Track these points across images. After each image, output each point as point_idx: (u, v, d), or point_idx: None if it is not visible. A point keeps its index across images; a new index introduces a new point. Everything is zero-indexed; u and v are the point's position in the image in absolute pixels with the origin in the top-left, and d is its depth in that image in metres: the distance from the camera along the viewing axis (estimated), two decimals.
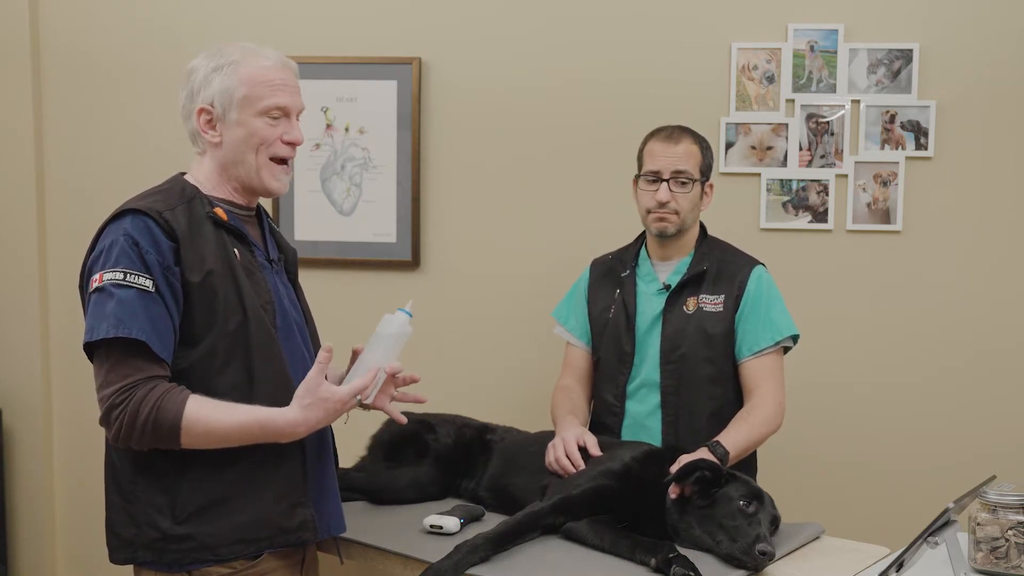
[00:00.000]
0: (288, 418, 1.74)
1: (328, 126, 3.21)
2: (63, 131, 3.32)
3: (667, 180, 2.41)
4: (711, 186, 2.50)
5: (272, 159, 1.87)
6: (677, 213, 2.42)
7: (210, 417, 1.71)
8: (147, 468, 1.77)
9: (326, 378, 1.79)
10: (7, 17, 3.26)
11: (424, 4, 3.16)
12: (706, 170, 2.46)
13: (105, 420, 1.71)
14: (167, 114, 3.22)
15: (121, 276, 1.70)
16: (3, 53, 3.27)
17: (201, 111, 1.85)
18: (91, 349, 1.73)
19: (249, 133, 1.84)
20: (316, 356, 1.96)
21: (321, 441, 1.94)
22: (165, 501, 1.77)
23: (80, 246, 1.82)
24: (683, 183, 2.41)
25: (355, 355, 1.96)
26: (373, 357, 1.89)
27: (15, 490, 3.36)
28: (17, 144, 3.29)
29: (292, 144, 1.88)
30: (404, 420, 2.02)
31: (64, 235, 3.31)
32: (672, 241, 2.47)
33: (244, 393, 1.79)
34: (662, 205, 2.41)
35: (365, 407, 1.93)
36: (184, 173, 1.92)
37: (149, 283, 1.71)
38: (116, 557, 1.83)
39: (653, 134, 2.49)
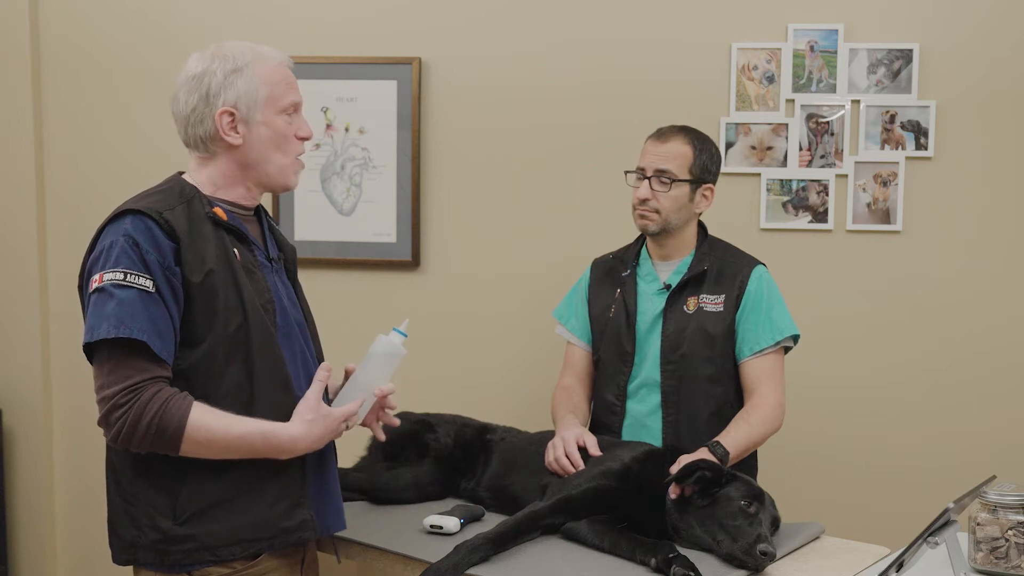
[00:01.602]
0: (291, 433, 1.76)
1: (328, 126, 3.21)
2: (63, 131, 3.32)
3: (649, 177, 2.41)
4: (710, 189, 2.47)
5: (297, 157, 1.92)
6: (658, 212, 2.41)
7: (213, 426, 1.71)
8: (148, 469, 1.77)
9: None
10: (7, 17, 3.26)
11: (424, 4, 3.16)
12: (700, 172, 2.43)
13: (105, 421, 1.71)
14: (167, 114, 3.22)
15: (121, 276, 1.70)
16: (3, 53, 3.27)
17: (224, 113, 1.84)
18: (91, 350, 1.73)
19: (273, 132, 1.86)
20: (316, 356, 1.97)
21: None
22: (166, 502, 1.77)
23: (80, 246, 1.82)
24: (663, 182, 2.40)
25: (347, 375, 1.97)
26: (366, 377, 1.91)
27: (15, 490, 3.36)
28: (17, 144, 3.29)
29: (305, 139, 1.92)
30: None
31: (64, 235, 3.31)
32: (667, 240, 2.47)
33: (245, 393, 1.79)
34: (642, 202, 2.41)
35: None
36: (182, 173, 1.92)
37: (149, 283, 1.70)
38: (119, 558, 1.83)
39: (655, 131, 2.49)
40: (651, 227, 2.44)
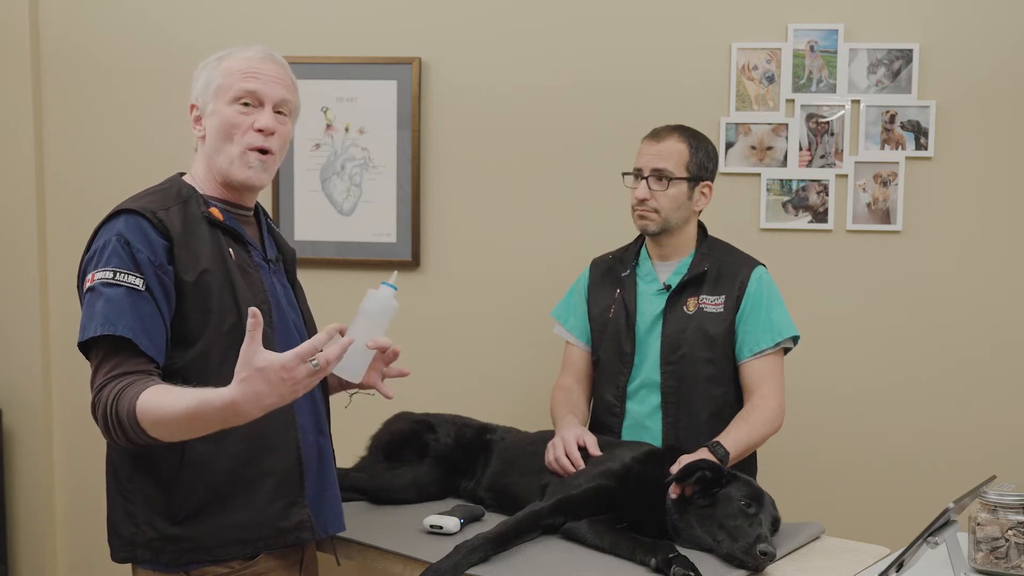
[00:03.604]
0: (225, 397, 1.54)
1: (328, 126, 3.21)
2: (63, 131, 3.32)
3: (646, 178, 2.41)
4: (708, 187, 2.47)
5: (249, 148, 1.84)
6: (657, 211, 2.41)
7: (158, 405, 1.59)
8: (145, 467, 1.77)
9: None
10: (7, 17, 3.26)
11: (424, 4, 3.16)
12: (697, 170, 2.43)
13: (93, 419, 1.71)
14: (167, 114, 3.23)
15: (111, 275, 1.70)
16: (3, 53, 3.27)
17: (192, 107, 1.88)
18: (87, 349, 1.74)
19: (221, 121, 1.84)
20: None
21: (318, 440, 1.93)
22: (162, 501, 1.77)
23: (80, 246, 1.82)
24: (660, 180, 2.40)
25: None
26: (358, 334, 1.82)
27: (15, 490, 3.36)
28: (17, 144, 3.29)
29: (260, 131, 1.84)
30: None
31: (64, 235, 3.31)
32: (666, 240, 2.47)
33: None
34: (641, 202, 2.41)
35: (359, 387, 1.91)
36: (183, 173, 1.93)
37: (139, 282, 1.70)
38: (117, 556, 1.83)
39: (650, 132, 2.49)
40: (651, 227, 2.44)
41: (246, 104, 1.84)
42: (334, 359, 1.56)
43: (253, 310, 1.53)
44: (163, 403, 1.59)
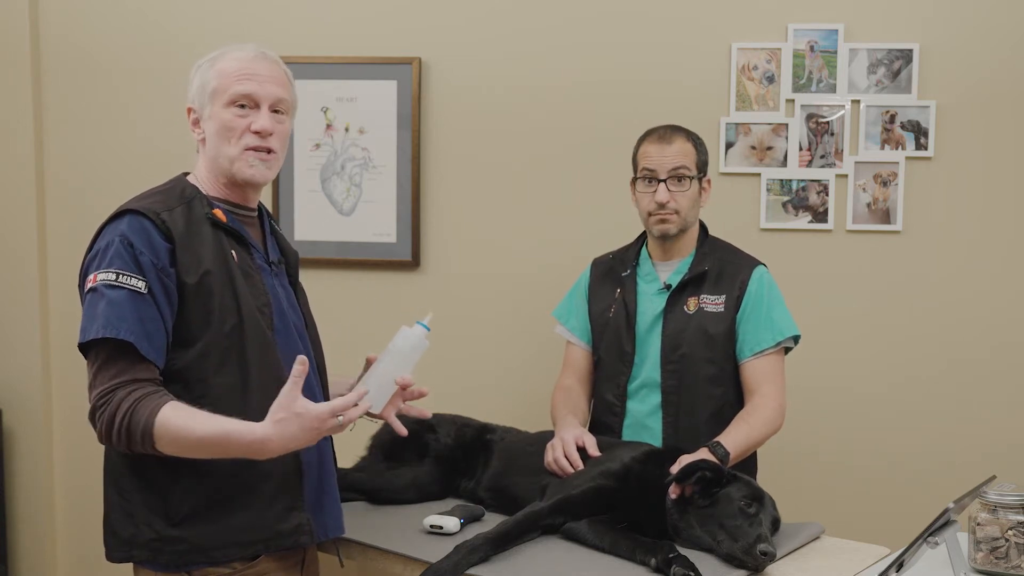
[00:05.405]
0: (258, 434, 1.63)
1: (328, 126, 3.21)
2: (63, 131, 3.32)
3: (664, 180, 2.41)
4: (709, 182, 2.49)
5: (248, 149, 1.84)
6: (678, 212, 2.41)
7: (180, 426, 1.64)
8: (143, 469, 1.77)
9: (331, 393, 1.77)
10: (7, 17, 3.26)
11: (424, 4, 3.16)
12: (702, 166, 2.46)
13: (91, 421, 1.71)
14: (167, 114, 3.23)
15: (113, 277, 1.70)
16: (3, 53, 3.27)
17: (188, 111, 1.89)
18: (86, 350, 1.74)
19: (219, 125, 1.84)
20: (316, 361, 1.96)
21: (319, 444, 1.93)
22: (160, 502, 1.77)
23: (80, 246, 1.82)
24: (680, 181, 2.40)
25: (368, 364, 1.96)
26: (385, 369, 1.90)
27: (15, 490, 3.36)
28: (17, 144, 3.29)
29: (257, 133, 1.84)
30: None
31: (64, 235, 3.31)
32: (673, 241, 2.47)
33: (238, 395, 1.78)
34: (662, 206, 2.41)
35: (371, 417, 1.94)
36: (187, 173, 1.93)
37: (141, 284, 1.70)
38: (113, 555, 1.83)
39: (646, 135, 2.48)
40: (672, 229, 2.43)
41: (242, 106, 1.84)
42: (355, 419, 1.70)
43: (301, 357, 1.63)
44: (186, 425, 1.64)
